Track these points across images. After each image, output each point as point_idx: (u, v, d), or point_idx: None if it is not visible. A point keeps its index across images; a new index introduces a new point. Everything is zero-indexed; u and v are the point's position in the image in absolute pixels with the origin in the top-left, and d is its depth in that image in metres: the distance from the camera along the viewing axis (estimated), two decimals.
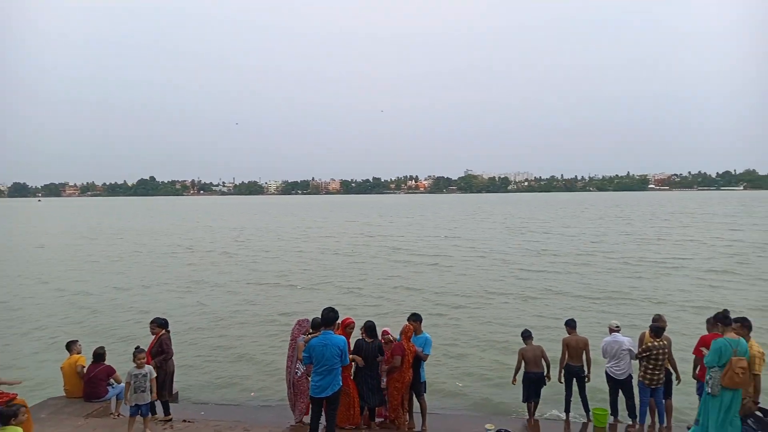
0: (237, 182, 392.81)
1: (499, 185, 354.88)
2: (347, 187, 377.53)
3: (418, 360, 8.16)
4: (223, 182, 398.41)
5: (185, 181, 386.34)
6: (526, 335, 8.83)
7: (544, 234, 47.22)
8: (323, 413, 7.00)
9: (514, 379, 8.75)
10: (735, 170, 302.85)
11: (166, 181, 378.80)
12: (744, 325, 6.88)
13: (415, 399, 8.37)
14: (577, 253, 32.99)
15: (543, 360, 8.58)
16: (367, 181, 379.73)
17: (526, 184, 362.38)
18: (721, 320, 6.67)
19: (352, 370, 8.02)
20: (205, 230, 57.71)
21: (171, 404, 8.88)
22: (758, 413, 6.84)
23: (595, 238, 42.91)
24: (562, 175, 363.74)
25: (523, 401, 8.77)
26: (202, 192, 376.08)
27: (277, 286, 23.08)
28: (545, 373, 8.61)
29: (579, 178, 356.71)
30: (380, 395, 8.04)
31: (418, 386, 8.24)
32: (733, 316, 6.86)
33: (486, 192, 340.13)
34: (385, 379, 8.00)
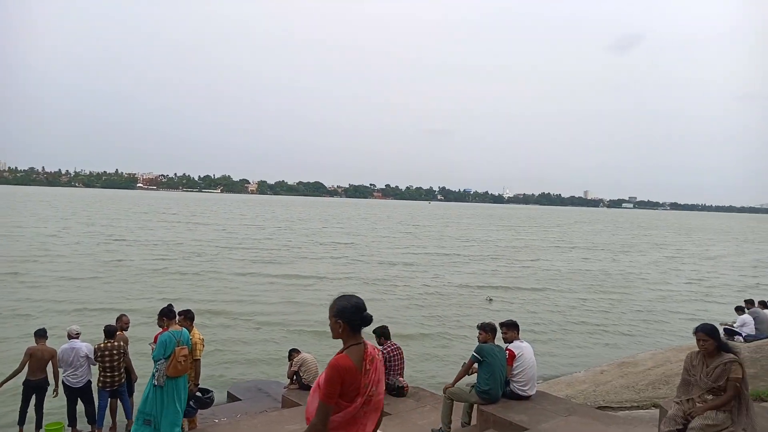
0: None
1: None
2: None
3: None
4: None
5: None
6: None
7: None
8: None
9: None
10: (214, 175, 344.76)
11: None
12: (187, 317, 7.82)
13: None
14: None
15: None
16: None
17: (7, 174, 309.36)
18: (166, 314, 7.36)
19: None
20: None
21: None
22: (198, 394, 7.90)
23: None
24: (43, 167, 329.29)
25: None
26: None
27: None
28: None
29: (64, 172, 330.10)
30: None
31: None
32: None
33: None
34: None
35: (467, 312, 20.26)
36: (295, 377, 9.94)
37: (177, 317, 7.47)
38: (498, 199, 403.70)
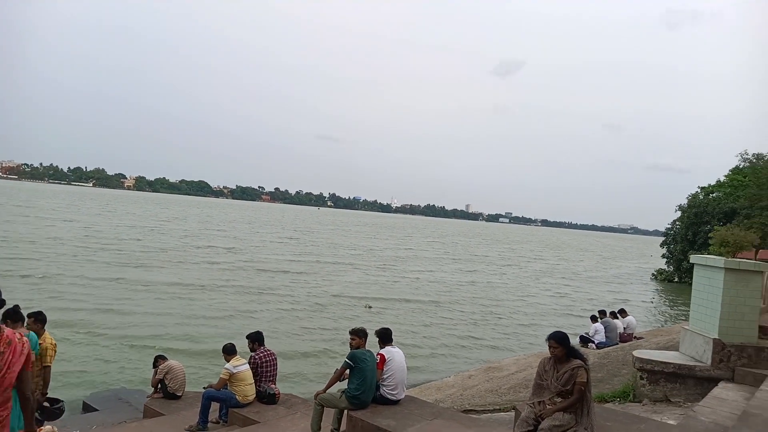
0: None
1: None
2: None
3: None
4: None
5: None
6: None
7: None
8: None
9: None
10: (86, 167, 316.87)
11: None
12: (37, 319, 7.07)
13: None
14: None
15: None
16: None
17: None
18: (10, 317, 6.61)
19: None
20: None
21: None
22: (46, 404, 7.15)
23: None
24: None
25: None
26: None
27: None
28: None
29: None
30: None
31: None
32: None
33: None
34: None
35: (346, 319, 20.37)
36: (159, 385, 9.37)
37: (26, 320, 6.73)
38: (386, 209, 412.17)
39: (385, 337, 7.27)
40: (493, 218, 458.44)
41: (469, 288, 33.48)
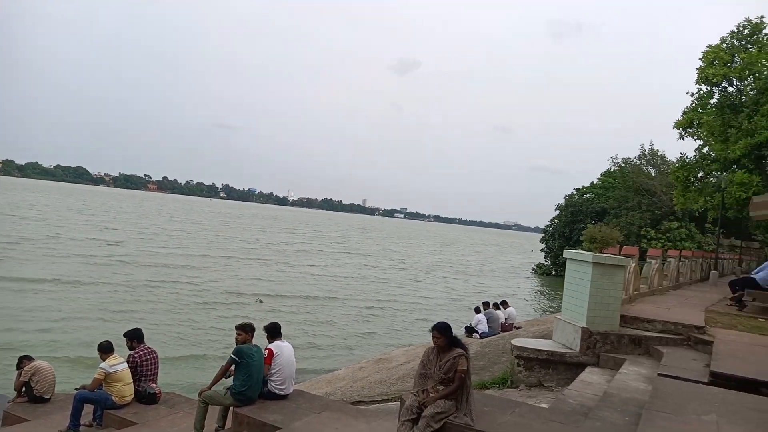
0: None
1: None
2: None
3: None
4: None
5: None
6: None
7: None
8: None
9: None
10: None
11: None
12: None
13: None
14: None
15: None
16: None
17: None
18: None
19: None
20: None
21: None
22: None
23: None
24: None
25: None
26: None
27: None
28: None
29: None
30: None
31: None
32: None
33: None
34: None
35: (236, 317, 19.74)
36: (24, 389, 8.54)
37: None
38: (282, 201, 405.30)
39: (273, 331, 7.17)
40: (389, 213, 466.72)
41: (365, 283, 33.85)
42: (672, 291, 15.51)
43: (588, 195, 54.89)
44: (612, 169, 53.30)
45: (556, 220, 56.77)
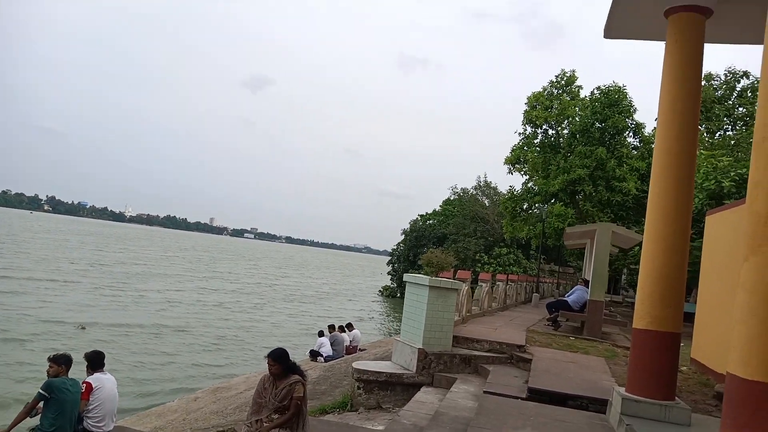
0: None
1: None
2: None
3: None
4: None
5: None
6: None
7: None
8: None
9: None
10: None
11: None
12: None
13: None
14: None
15: None
16: None
17: None
18: None
19: None
20: None
21: None
22: None
23: None
24: None
25: None
26: None
27: None
28: None
29: None
30: None
31: None
32: None
33: None
34: None
35: (53, 350, 17.55)
36: None
37: None
38: (119, 217, 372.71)
39: (95, 361, 6.45)
40: (239, 233, 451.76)
41: (209, 308, 32.13)
42: (500, 312, 16.91)
43: (431, 221, 58.21)
44: (452, 198, 57.25)
45: (401, 245, 59.23)
